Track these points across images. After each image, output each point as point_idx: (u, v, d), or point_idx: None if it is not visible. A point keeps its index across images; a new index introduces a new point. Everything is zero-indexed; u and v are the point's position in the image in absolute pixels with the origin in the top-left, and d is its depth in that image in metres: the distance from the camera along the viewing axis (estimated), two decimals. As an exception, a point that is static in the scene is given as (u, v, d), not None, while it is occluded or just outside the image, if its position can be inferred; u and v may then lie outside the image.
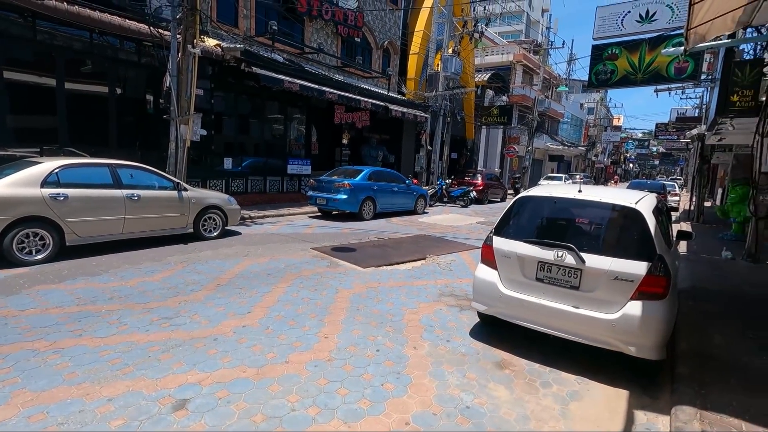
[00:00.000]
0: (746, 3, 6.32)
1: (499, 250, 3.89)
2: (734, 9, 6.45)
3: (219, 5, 12.46)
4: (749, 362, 3.65)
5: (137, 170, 7.11)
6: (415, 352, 3.76)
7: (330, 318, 4.44)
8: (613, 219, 3.65)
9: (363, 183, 11.47)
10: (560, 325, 3.54)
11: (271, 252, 7.23)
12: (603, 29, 12.25)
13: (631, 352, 3.27)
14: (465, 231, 10.83)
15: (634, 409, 3.08)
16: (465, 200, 16.84)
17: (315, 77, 13.44)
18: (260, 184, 13.36)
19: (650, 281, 3.21)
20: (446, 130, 19.74)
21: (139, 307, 4.43)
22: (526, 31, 57.88)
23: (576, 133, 42.51)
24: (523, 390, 3.24)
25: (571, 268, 3.47)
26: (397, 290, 5.54)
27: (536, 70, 30.56)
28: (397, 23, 19.62)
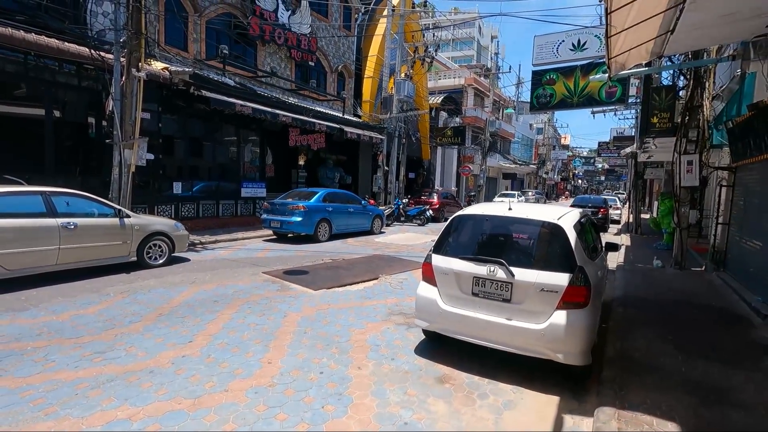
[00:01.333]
0: (655, 36, 7.03)
1: (438, 267, 4.04)
2: (646, 41, 7.16)
3: (168, 29, 12.34)
4: (665, 363, 3.96)
5: (74, 197, 6.80)
6: (359, 372, 3.80)
7: (275, 343, 4.40)
8: (539, 234, 3.91)
9: (318, 205, 11.48)
10: (496, 337, 3.71)
11: (219, 278, 7.06)
12: (541, 56, 13.18)
13: (559, 359, 3.47)
14: (420, 249, 11.03)
15: (563, 413, 3.26)
16: (422, 219, 17.19)
17: (268, 100, 13.46)
18: (212, 209, 13.05)
19: (572, 291, 3.45)
20: (402, 151, 20.20)
21: (69, 343, 4.19)
22: (477, 56, 60.81)
23: (527, 152, 44.67)
24: (461, 403, 3.35)
25: (502, 282, 3.67)
26: (347, 311, 5.56)
27: (486, 93, 32.08)
28: (351, 48, 20.12)
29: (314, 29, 17.42)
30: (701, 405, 3.22)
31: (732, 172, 8.06)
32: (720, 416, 3.07)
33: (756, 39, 7.51)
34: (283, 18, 15.84)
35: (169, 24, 12.45)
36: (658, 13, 6.01)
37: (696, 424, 2.96)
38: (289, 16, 16.14)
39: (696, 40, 7.82)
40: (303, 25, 16.79)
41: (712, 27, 6.89)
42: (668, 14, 6.14)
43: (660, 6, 5.74)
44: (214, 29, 13.85)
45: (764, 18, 6.67)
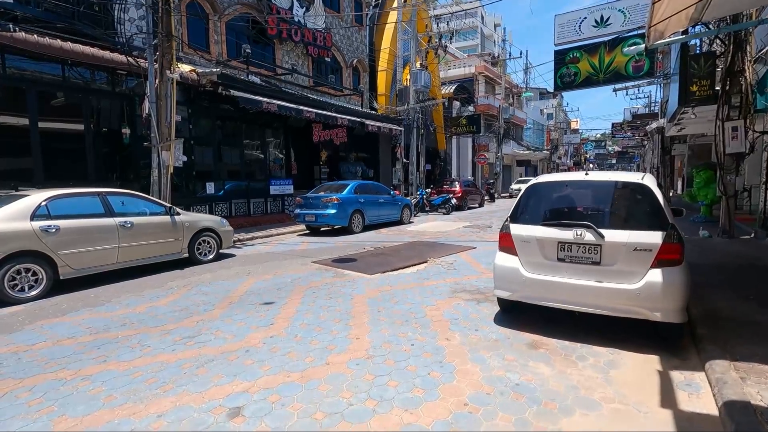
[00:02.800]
0: (696, 1, 6.92)
1: (518, 235, 4.04)
2: (688, 6, 7.05)
3: (190, 32, 12.46)
4: (757, 319, 3.91)
5: (127, 197, 6.92)
6: (449, 342, 3.82)
7: (354, 321, 4.44)
8: (624, 195, 3.88)
9: (350, 196, 11.52)
10: (586, 301, 3.70)
11: (272, 269, 7.14)
12: (563, 35, 13.03)
13: (657, 318, 3.45)
14: (455, 235, 11.02)
15: (669, 370, 3.23)
16: (447, 207, 17.15)
17: (292, 97, 13.53)
18: (244, 207, 13.18)
19: (667, 249, 3.43)
20: (421, 142, 20.16)
21: (155, 331, 4.28)
22: (481, 45, 60.33)
23: (539, 138, 44.26)
24: (563, 365, 3.35)
25: (591, 245, 3.65)
26: (410, 291, 5.59)
27: (497, 80, 31.84)
28: (363, 42, 20.11)
29: (328, 25, 17.45)
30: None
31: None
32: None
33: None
34: (298, 15, 15.89)
35: (191, 27, 12.57)
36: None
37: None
38: (303, 12, 16.19)
39: (737, 3, 7.68)
40: (317, 21, 16.84)
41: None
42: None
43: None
44: (234, 29, 13.95)
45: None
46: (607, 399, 2.84)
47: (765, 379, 2.80)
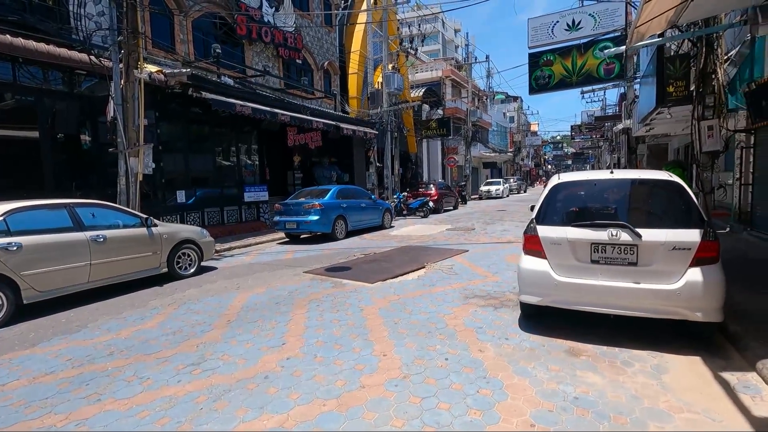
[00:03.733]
0: (678, 4, 7.13)
1: (547, 237, 3.87)
2: (669, 9, 7.24)
3: (154, 30, 11.66)
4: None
5: (98, 208, 6.25)
6: (484, 355, 3.58)
7: (374, 336, 4.11)
8: (656, 193, 3.81)
9: (333, 202, 11.14)
10: (623, 303, 3.57)
11: (263, 282, 6.66)
12: (536, 38, 13.28)
13: (698, 318, 3.37)
14: (442, 238, 10.88)
15: (718, 371, 3.15)
16: (424, 211, 17.06)
17: (266, 100, 12.98)
18: (217, 216, 12.46)
19: (706, 247, 3.36)
20: (394, 145, 20.01)
21: (151, 359, 3.77)
22: (442, 49, 61.35)
23: (503, 140, 45.38)
24: (612, 372, 3.20)
25: (627, 245, 3.53)
26: (420, 299, 5.33)
27: (464, 84, 32.34)
28: (333, 44, 19.76)
29: (298, 26, 16.99)
30: None
31: (751, 134, 8.30)
32: None
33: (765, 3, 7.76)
34: (267, 15, 15.35)
35: (155, 24, 11.77)
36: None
37: None
38: (273, 12, 15.66)
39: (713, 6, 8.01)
40: (288, 21, 16.35)
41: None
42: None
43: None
44: (201, 29, 13.23)
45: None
46: (675, 408, 2.69)
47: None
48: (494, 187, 29.68)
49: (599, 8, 12.33)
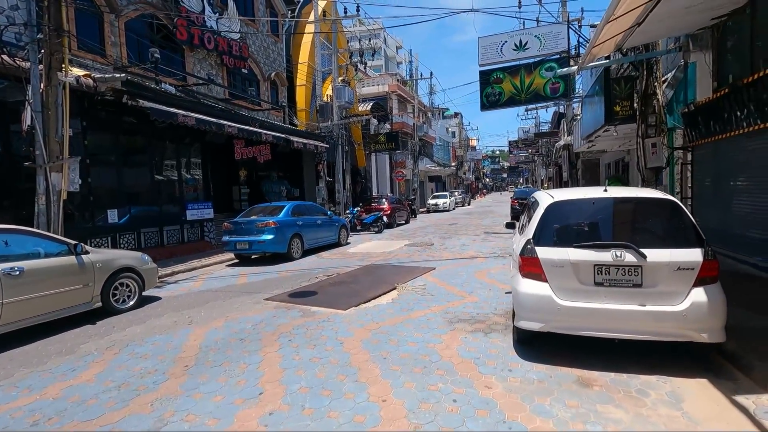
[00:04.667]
0: (626, 29, 7.52)
1: (548, 259, 3.67)
2: (618, 33, 7.62)
3: (80, 30, 10.39)
4: (764, 325, 4.03)
5: (12, 234, 5.20)
6: (493, 392, 3.26)
7: (364, 375, 3.65)
8: (654, 212, 3.76)
9: (288, 219, 10.47)
10: (629, 327, 3.44)
11: (219, 313, 5.91)
12: (486, 56, 13.66)
13: (704, 339, 3.31)
14: (403, 255, 10.60)
15: (732, 395, 3.07)
16: (378, 226, 16.75)
17: (212, 110, 12.05)
18: (155, 237, 11.24)
19: (708, 266, 3.32)
20: (345, 159, 19.62)
21: (93, 425, 3.02)
22: (385, 65, 62.42)
23: (446, 154, 46.67)
24: (631, 404, 3.01)
25: (631, 266, 3.42)
26: (403, 327, 4.93)
27: (410, 99, 32.85)
28: (281, 54, 19.12)
29: (243, 34, 16.19)
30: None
31: (688, 151, 8.95)
32: None
33: (697, 32, 8.46)
34: (210, 21, 14.44)
35: (81, 23, 10.51)
36: (644, 3, 6.38)
37: None
38: (217, 18, 14.77)
39: (653, 33, 8.60)
40: (232, 28, 15.50)
41: (672, 18, 7.55)
42: (646, 6, 6.57)
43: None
44: (135, 31, 12.08)
45: (711, 12, 7.47)
46: (712, 444, 2.53)
47: None
48: (441, 200, 30.20)
49: (544, 31, 12.98)
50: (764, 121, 6.26)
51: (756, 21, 6.91)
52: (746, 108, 6.66)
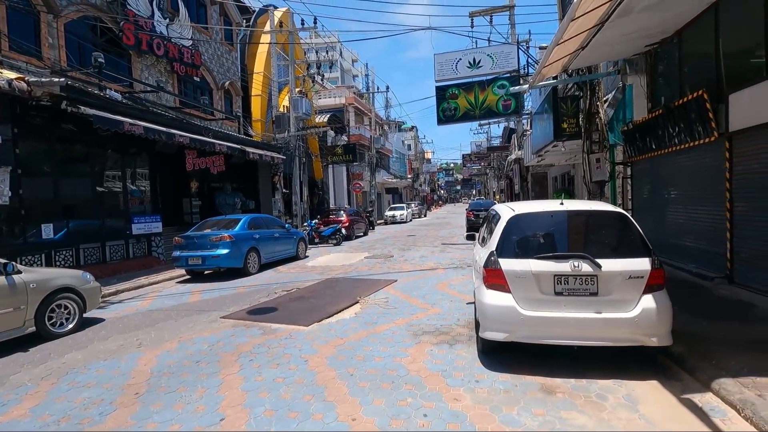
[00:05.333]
0: (572, 52, 8.04)
1: (511, 271, 3.78)
2: (566, 56, 8.14)
3: (12, 29, 9.63)
4: (714, 331, 4.34)
5: (-71, 254, 4.62)
6: (463, 404, 3.28)
7: (332, 394, 3.55)
8: (606, 224, 3.98)
9: (244, 233, 10.12)
10: (587, 334, 3.61)
11: (171, 334, 5.55)
12: (442, 73, 14.10)
13: (653, 343, 3.53)
14: (363, 268, 10.54)
15: (682, 395, 3.28)
16: (337, 238, 16.61)
17: (161, 119, 11.49)
18: (97, 253, 10.44)
19: (655, 274, 3.56)
20: (303, 171, 19.35)
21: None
22: (341, 77, 62.72)
23: (402, 167, 47.34)
24: (593, 409, 3.13)
25: (588, 276, 3.60)
26: (368, 342, 4.87)
27: (366, 112, 33.12)
28: (235, 63, 18.69)
29: (196, 42, 15.68)
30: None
31: (627, 166, 9.66)
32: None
33: (633, 57, 9.22)
34: (160, 26, 13.88)
35: (13, 22, 9.74)
36: (588, 29, 6.88)
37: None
38: (167, 24, 14.21)
39: (595, 57, 9.26)
40: (184, 34, 14.96)
41: (612, 45, 8.20)
42: (590, 32, 7.09)
43: (591, 23, 6.57)
44: (76, 34, 11.35)
45: (645, 39, 8.19)
46: (668, 444, 2.68)
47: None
48: (399, 212, 30.49)
49: (496, 50, 13.64)
50: (693, 140, 6.87)
51: (682, 50, 7.63)
52: (677, 127, 7.29)
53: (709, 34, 6.55)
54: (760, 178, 5.49)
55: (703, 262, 6.82)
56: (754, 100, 5.42)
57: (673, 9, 6.43)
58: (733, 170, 6.01)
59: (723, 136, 6.07)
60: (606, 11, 6.25)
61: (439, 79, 14.11)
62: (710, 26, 6.51)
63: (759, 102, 5.32)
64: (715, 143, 6.30)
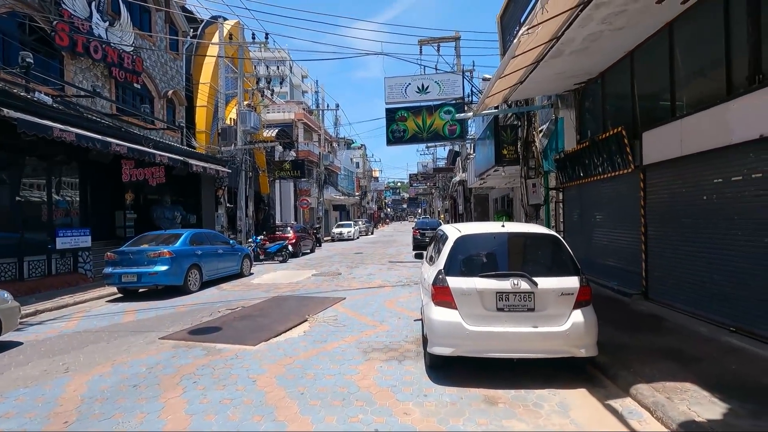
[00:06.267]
0: (512, 85, 8.75)
1: (457, 288, 4.01)
2: (507, 88, 8.83)
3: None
4: (629, 341, 4.84)
5: None
6: (412, 418, 3.40)
7: (282, 413, 3.52)
8: (542, 245, 4.36)
9: (186, 248, 9.68)
10: (525, 347, 3.90)
11: (104, 356, 5.19)
12: (392, 96, 14.59)
13: (582, 354, 3.89)
14: (311, 285, 10.45)
15: (606, 400, 3.64)
16: (283, 255, 16.28)
17: (96, 126, 10.80)
18: (12, 269, 9.48)
19: (584, 291, 3.96)
20: (249, 185, 18.89)
21: None
22: (290, 93, 62.33)
23: (350, 184, 47.60)
24: (530, 417, 3.38)
25: (526, 293, 3.91)
26: (317, 360, 4.87)
27: (316, 128, 33.14)
28: (180, 72, 18.08)
29: (138, 48, 15.01)
30: (685, 361, 4.09)
31: (559, 191, 10.52)
32: (712, 367, 3.97)
33: (564, 93, 10.19)
34: (99, 28, 13.21)
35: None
36: (526, 66, 7.57)
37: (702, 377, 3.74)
38: (106, 27, 13.52)
39: (532, 91, 10.11)
40: (124, 41, 14.28)
41: (546, 81, 9.05)
42: (527, 69, 7.81)
43: (528, 61, 7.25)
44: (1, 30, 10.47)
45: (574, 78, 9.11)
46: (594, 445, 2.97)
47: (684, 395, 3.43)
48: (346, 229, 30.50)
49: (443, 78, 14.41)
50: (614, 171, 7.68)
51: (605, 90, 8.57)
52: (600, 158, 8.12)
53: (627, 78, 7.45)
54: (668, 206, 6.27)
55: (624, 280, 7.57)
56: (662, 139, 6.22)
57: (596, 54, 7.26)
58: (647, 198, 6.81)
59: (638, 168, 6.88)
60: (541, 52, 6.92)
61: (389, 102, 14.58)
62: (627, 71, 7.41)
63: (666, 140, 6.12)
64: (631, 174, 7.11)
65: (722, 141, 4.99)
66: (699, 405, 3.24)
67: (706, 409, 3.16)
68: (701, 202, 5.52)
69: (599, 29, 6.20)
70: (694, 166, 5.64)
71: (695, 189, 5.64)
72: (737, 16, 5.01)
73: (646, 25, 6.34)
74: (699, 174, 5.55)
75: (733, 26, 5.08)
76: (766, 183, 4.51)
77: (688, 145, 5.63)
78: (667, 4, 5.40)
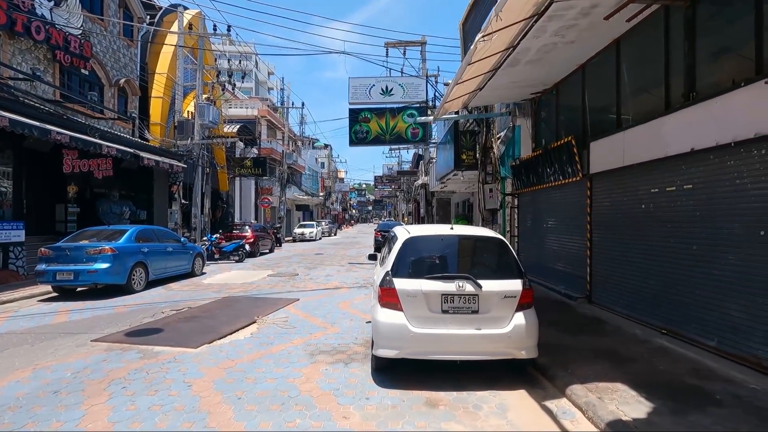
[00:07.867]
0: (471, 91, 8.91)
1: (403, 290, 3.99)
2: (466, 94, 8.99)
3: None
4: (569, 343, 4.99)
5: None
6: (351, 422, 3.33)
7: (215, 419, 3.35)
8: (488, 248, 4.40)
9: (130, 246, 9.16)
10: (468, 349, 3.92)
11: (25, 360, 4.78)
12: (356, 96, 14.52)
13: (522, 356, 3.96)
14: (265, 286, 10.17)
15: (542, 401, 3.72)
16: (239, 255, 15.80)
17: (35, 112, 10.06)
18: (-70, 264, 8.62)
19: (526, 294, 4.03)
20: (206, 182, 18.22)
21: None
22: (255, 89, 60.91)
23: (314, 184, 47.02)
24: (469, 419, 3.39)
25: (470, 295, 3.94)
26: (261, 363, 4.70)
27: (280, 126, 32.51)
28: (134, 60, 17.19)
29: (87, 32, 14.14)
30: (619, 362, 4.24)
31: (515, 197, 10.81)
32: (643, 367, 4.13)
33: (521, 102, 10.48)
34: (43, 8, 12.35)
35: None
36: (484, 73, 7.72)
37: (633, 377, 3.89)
38: (51, 8, 12.66)
39: (490, 98, 10.33)
40: (71, 23, 13.42)
41: (503, 89, 9.27)
42: (485, 76, 7.97)
43: (486, 68, 7.40)
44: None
45: (530, 88, 9.39)
46: (527, 446, 3.00)
47: (614, 394, 3.55)
48: (308, 230, 30.08)
49: (407, 81, 14.49)
50: (564, 178, 7.95)
51: (559, 100, 8.87)
52: (553, 167, 8.39)
53: (579, 90, 7.75)
54: (611, 214, 6.56)
55: (571, 284, 7.85)
56: (607, 149, 6.50)
57: (550, 65, 7.50)
58: (593, 206, 7.09)
59: (585, 176, 7.15)
60: (498, 60, 7.06)
61: (352, 102, 14.49)
62: (579, 83, 7.71)
63: (610, 150, 6.40)
64: (580, 182, 7.39)
65: (659, 153, 5.26)
66: (627, 404, 3.36)
67: (633, 408, 3.29)
68: (639, 211, 5.80)
69: (553, 41, 6.40)
70: (634, 175, 5.92)
71: (634, 198, 5.92)
72: (676, 38, 5.31)
73: (596, 41, 6.61)
74: (638, 183, 5.84)
75: (672, 47, 5.38)
76: (696, 194, 4.79)
77: (629, 155, 5.91)
78: (614, 21, 5.65)
